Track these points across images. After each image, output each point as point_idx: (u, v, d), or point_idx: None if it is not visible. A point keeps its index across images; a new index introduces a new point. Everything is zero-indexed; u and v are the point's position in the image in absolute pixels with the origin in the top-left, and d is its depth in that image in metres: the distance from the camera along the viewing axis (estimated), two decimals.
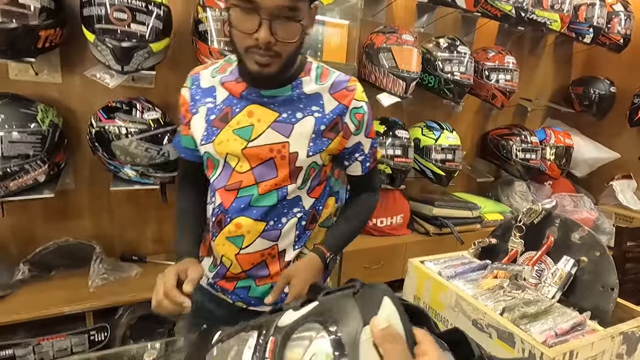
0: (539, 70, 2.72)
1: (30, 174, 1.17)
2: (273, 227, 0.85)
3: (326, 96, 0.82)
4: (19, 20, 1.06)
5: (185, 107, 0.85)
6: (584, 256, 0.87)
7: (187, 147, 0.89)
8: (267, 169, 0.81)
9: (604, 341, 0.72)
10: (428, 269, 0.96)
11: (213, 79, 0.83)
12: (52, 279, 1.42)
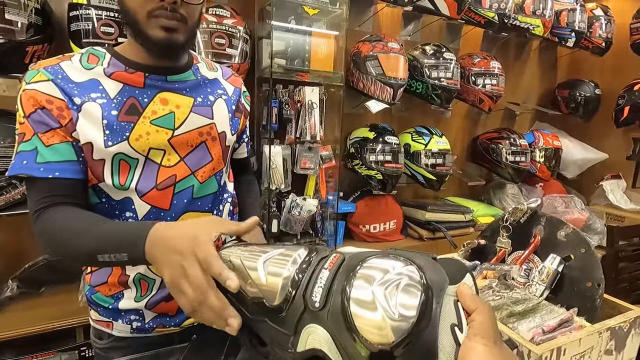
0: (525, 74, 2.77)
1: (19, 188, 1.17)
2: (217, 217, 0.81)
3: (223, 81, 0.85)
4: (5, 36, 1.06)
5: (60, 104, 0.65)
6: (570, 253, 0.88)
7: (61, 161, 0.65)
8: (201, 155, 0.77)
9: (592, 337, 0.72)
10: None
11: (89, 71, 0.68)
12: (41, 296, 1.40)
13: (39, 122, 0.64)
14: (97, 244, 0.57)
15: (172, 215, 0.75)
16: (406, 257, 0.36)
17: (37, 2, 1.15)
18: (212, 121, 0.78)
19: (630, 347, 0.81)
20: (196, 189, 0.77)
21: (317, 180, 1.73)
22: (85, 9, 1.16)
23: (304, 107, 1.59)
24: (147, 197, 0.72)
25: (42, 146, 0.64)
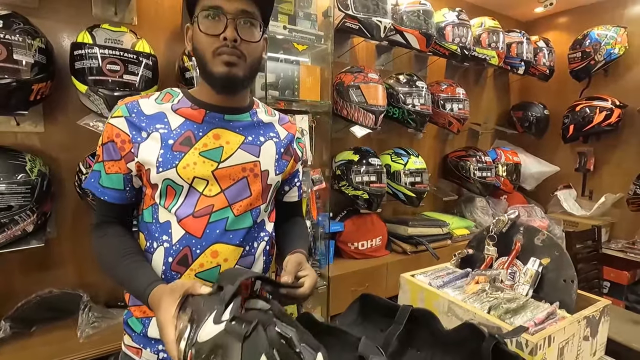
0: (483, 98, 3.07)
1: (20, 224, 1.16)
2: (249, 253, 0.84)
3: (277, 126, 0.92)
4: (12, 76, 1.09)
5: (124, 139, 0.76)
6: (547, 256, 1.03)
7: (112, 188, 0.79)
8: (240, 189, 0.81)
9: (572, 325, 0.85)
10: (419, 281, 1.07)
11: (160, 105, 0.79)
12: (33, 335, 1.35)
13: (108, 151, 0.78)
14: (119, 281, 0.76)
15: (203, 244, 0.78)
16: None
17: (41, 41, 1.18)
18: (257, 159, 0.83)
19: (601, 333, 0.95)
20: (230, 221, 0.80)
21: (308, 202, 1.82)
22: (89, 48, 1.21)
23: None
24: (183, 223, 0.77)
25: (104, 172, 0.79)
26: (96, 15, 1.47)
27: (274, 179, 0.87)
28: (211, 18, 0.74)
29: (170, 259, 0.77)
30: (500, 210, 2.83)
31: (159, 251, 0.78)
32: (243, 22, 0.75)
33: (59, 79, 1.34)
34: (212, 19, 0.74)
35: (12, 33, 1.10)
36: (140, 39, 1.34)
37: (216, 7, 0.73)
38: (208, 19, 0.74)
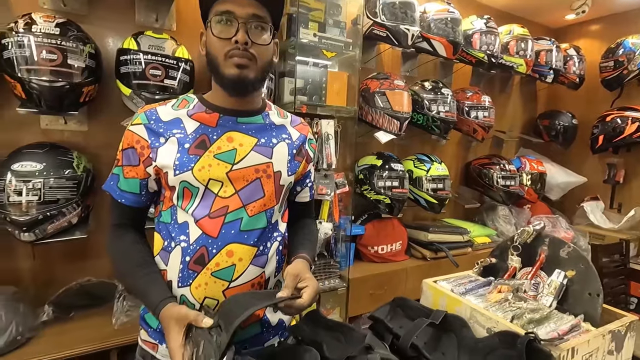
0: (508, 105, 3.03)
1: (66, 216, 1.25)
2: (262, 252, 0.86)
3: (290, 128, 0.94)
4: (66, 79, 1.18)
5: (143, 144, 0.80)
6: (572, 269, 1.03)
7: (129, 192, 0.83)
8: (254, 189, 0.84)
9: (597, 339, 0.86)
10: (442, 287, 1.09)
11: (176, 111, 0.83)
12: (73, 320, 1.44)
13: (127, 157, 0.82)
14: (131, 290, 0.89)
15: (219, 244, 0.80)
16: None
17: (91, 47, 1.27)
18: (269, 160, 0.86)
19: (627, 348, 0.95)
20: (244, 222, 0.82)
21: (331, 205, 1.86)
22: (134, 54, 1.30)
23: (321, 137, 1.74)
24: (200, 223, 0.80)
25: (122, 176, 0.83)
26: (139, 21, 1.56)
27: (286, 180, 0.89)
28: (223, 22, 0.77)
29: (188, 257, 0.80)
30: (523, 220, 2.79)
31: (176, 250, 0.81)
32: (254, 26, 0.78)
33: (103, 82, 1.43)
34: (224, 23, 0.77)
35: (67, 39, 1.19)
36: (180, 45, 1.42)
37: (228, 12, 0.77)
38: (220, 24, 0.78)
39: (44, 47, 1.14)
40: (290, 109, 1.64)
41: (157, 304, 0.76)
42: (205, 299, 0.81)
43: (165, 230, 0.84)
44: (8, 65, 1.15)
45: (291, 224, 1.01)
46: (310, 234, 1.02)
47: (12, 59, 1.14)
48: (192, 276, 0.81)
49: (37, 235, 1.21)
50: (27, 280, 1.46)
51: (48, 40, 1.15)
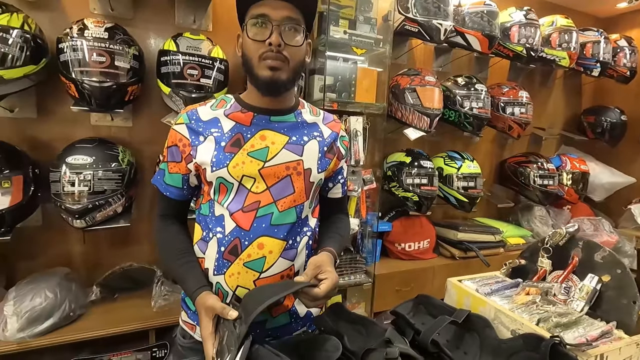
0: (550, 101, 2.88)
1: (112, 206, 1.36)
2: (292, 246, 0.89)
3: (322, 125, 0.96)
4: (113, 80, 1.28)
5: (184, 143, 0.87)
6: (607, 274, 0.99)
7: (173, 185, 0.91)
8: (284, 186, 0.87)
9: (630, 347, 0.83)
10: (467, 287, 1.08)
11: (214, 111, 0.89)
12: (117, 300, 1.58)
13: (172, 154, 0.90)
14: (173, 275, 0.94)
15: (251, 237, 0.84)
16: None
17: (135, 49, 1.37)
18: (300, 158, 0.88)
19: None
20: (275, 217, 0.85)
21: (358, 201, 1.87)
22: (174, 55, 1.38)
23: (349, 134, 1.76)
24: (234, 217, 0.85)
25: (167, 171, 0.91)
26: (178, 23, 1.65)
27: (316, 177, 0.91)
28: (259, 25, 0.81)
29: (223, 248, 0.86)
30: (561, 222, 2.66)
31: (213, 241, 0.87)
32: (287, 28, 0.81)
33: (146, 81, 1.53)
34: (259, 26, 0.81)
35: (114, 43, 1.29)
36: (215, 46, 1.48)
37: (263, 15, 0.80)
38: (256, 26, 0.81)
39: (94, 50, 1.25)
40: (319, 105, 1.67)
41: (193, 292, 0.83)
42: (238, 288, 0.86)
43: (204, 222, 0.91)
44: (64, 67, 1.26)
45: (324, 218, 1.04)
46: (341, 229, 1.04)
47: (67, 61, 1.26)
48: (226, 265, 0.86)
49: (87, 222, 1.33)
50: (78, 262, 1.60)
51: (98, 44, 1.26)
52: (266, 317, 0.91)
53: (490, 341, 0.91)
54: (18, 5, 1.32)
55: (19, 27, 1.19)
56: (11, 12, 1.20)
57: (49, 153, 1.42)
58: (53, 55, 1.31)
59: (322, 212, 1.04)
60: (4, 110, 1.37)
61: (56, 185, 1.29)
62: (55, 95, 1.44)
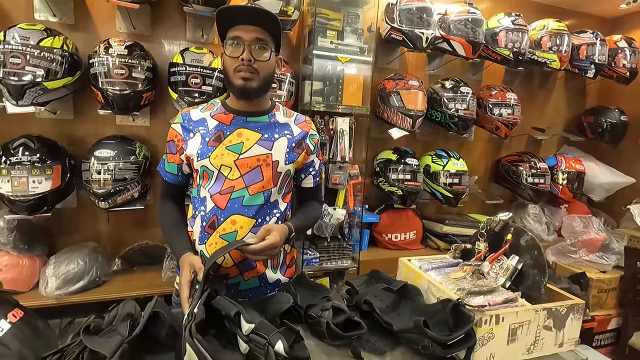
0: (550, 101, 2.93)
1: (130, 191, 1.65)
2: (260, 224, 1.08)
3: (292, 125, 1.16)
4: (131, 88, 1.57)
5: (179, 138, 1.09)
6: (528, 255, 1.14)
7: (170, 172, 1.14)
8: (255, 175, 1.07)
9: (528, 312, 0.99)
10: (412, 265, 1.27)
11: (202, 113, 1.11)
12: (134, 272, 1.88)
13: (169, 147, 1.14)
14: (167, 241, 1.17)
15: (225, 214, 1.06)
16: None
17: (150, 62, 1.65)
18: (269, 152, 1.08)
19: (570, 328, 1.05)
20: (245, 199, 1.06)
21: (346, 194, 2.07)
22: (180, 67, 1.65)
23: (336, 133, 1.96)
24: (214, 198, 1.07)
25: (167, 161, 1.15)
26: (189, 37, 1.93)
27: (283, 168, 1.11)
28: (234, 45, 1.02)
29: (204, 223, 1.08)
30: (557, 220, 2.72)
31: (198, 217, 1.10)
32: (257, 47, 1.02)
33: (161, 88, 1.81)
34: (234, 46, 1.02)
35: (132, 57, 1.58)
36: (216, 58, 1.74)
37: (237, 37, 1.01)
38: (232, 46, 1.02)
39: (116, 65, 1.54)
40: (308, 108, 1.89)
41: (180, 252, 1.05)
42: None
43: (193, 202, 1.14)
44: (93, 78, 1.56)
45: (299, 204, 1.27)
46: (308, 211, 1.24)
47: (96, 73, 1.55)
48: (206, 237, 1.08)
49: (110, 204, 1.63)
50: (104, 239, 1.92)
51: (119, 59, 1.55)
52: (239, 280, 1.13)
53: (420, 306, 1.10)
54: (60, 28, 1.63)
55: (59, 47, 1.49)
56: (54, 36, 1.51)
57: (82, 147, 1.74)
58: (85, 68, 1.62)
59: (298, 199, 1.26)
60: (49, 112, 1.70)
61: (86, 174, 1.60)
62: (88, 100, 1.75)
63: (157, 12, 1.86)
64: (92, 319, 0.86)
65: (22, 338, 0.78)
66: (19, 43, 1.42)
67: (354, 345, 0.95)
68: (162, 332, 0.92)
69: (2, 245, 1.55)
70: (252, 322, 0.81)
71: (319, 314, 0.98)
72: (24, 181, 1.45)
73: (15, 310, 0.85)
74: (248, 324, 0.81)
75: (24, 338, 0.79)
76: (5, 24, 1.54)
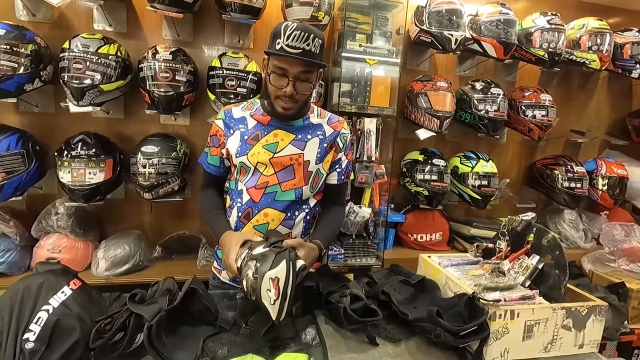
0: (591, 103, 2.80)
1: (171, 184, 1.80)
2: (290, 218, 1.18)
3: (325, 126, 1.23)
4: (174, 90, 1.72)
5: (220, 133, 1.19)
6: (550, 254, 1.14)
7: (212, 164, 1.23)
8: (288, 172, 1.16)
9: (545, 310, 1.00)
10: (431, 261, 1.31)
11: (243, 112, 1.20)
12: (172, 260, 2.04)
13: (213, 141, 1.23)
14: (207, 223, 1.23)
15: (259, 207, 1.16)
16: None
17: (191, 66, 1.80)
18: (302, 152, 1.17)
19: (591, 329, 1.04)
20: (278, 195, 1.16)
21: (372, 193, 2.12)
22: (218, 70, 1.78)
23: (364, 133, 2.02)
24: (249, 192, 1.17)
25: (209, 154, 1.25)
26: (226, 43, 2.07)
27: (314, 167, 1.19)
28: (279, 75, 1.06)
29: (240, 214, 1.19)
30: (596, 227, 2.59)
31: (235, 208, 1.20)
32: (301, 79, 1.07)
33: (201, 90, 1.95)
34: (279, 75, 1.06)
35: (176, 62, 1.73)
36: (251, 61, 1.86)
37: (282, 69, 1.05)
38: (276, 74, 1.06)
39: (162, 69, 1.69)
40: (336, 109, 1.96)
41: (221, 231, 1.13)
42: None
43: (230, 194, 1.25)
44: (142, 81, 1.73)
45: (323, 204, 1.32)
46: (333, 220, 1.28)
47: (144, 77, 1.72)
48: (241, 227, 1.19)
49: (153, 195, 1.79)
50: (147, 227, 2.10)
51: (165, 64, 1.70)
52: None
53: (437, 299, 1.14)
54: (114, 37, 1.82)
55: (114, 54, 1.67)
56: (110, 43, 1.69)
57: (131, 144, 1.92)
58: (135, 72, 1.79)
59: (323, 197, 1.32)
60: (103, 112, 1.90)
61: (133, 167, 1.77)
62: (136, 101, 1.94)
63: (198, 20, 2.01)
64: (137, 291, 0.98)
65: (80, 303, 0.92)
66: (80, 50, 1.61)
67: (370, 331, 1.01)
68: (196, 307, 1.03)
69: (61, 229, 1.75)
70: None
71: (337, 299, 1.05)
72: (82, 172, 1.64)
73: (75, 279, 0.99)
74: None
75: (82, 303, 0.92)
76: (69, 33, 1.74)
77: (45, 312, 0.83)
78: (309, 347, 0.97)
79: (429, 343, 1.01)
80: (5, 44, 1.51)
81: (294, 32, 1.01)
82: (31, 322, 0.80)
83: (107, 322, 0.90)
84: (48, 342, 0.79)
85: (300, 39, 1.01)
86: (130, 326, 0.87)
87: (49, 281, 0.91)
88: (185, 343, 0.93)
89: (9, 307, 0.82)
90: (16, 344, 0.76)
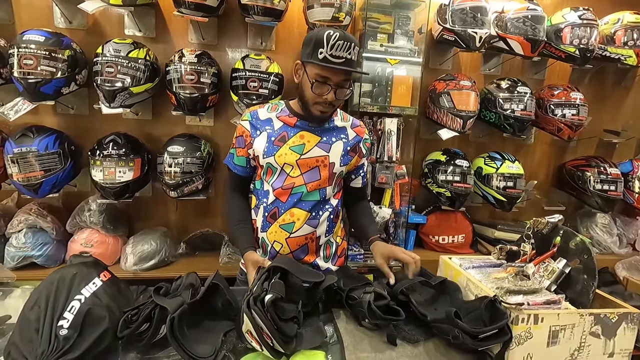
0: (627, 101, 2.66)
1: (195, 183, 1.86)
2: (314, 217, 1.20)
3: (349, 129, 1.25)
4: (198, 92, 1.77)
5: (247, 134, 1.19)
6: (578, 259, 1.10)
7: (239, 165, 1.24)
8: (313, 174, 1.18)
9: (572, 316, 0.96)
10: (452, 263, 1.28)
11: (269, 113, 1.21)
12: (196, 256, 2.11)
13: (239, 142, 1.24)
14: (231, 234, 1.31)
15: (285, 207, 1.18)
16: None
17: (215, 68, 1.85)
18: (327, 154, 1.19)
19: (622, 338, 0.99)
20: (303, 195, 1.18)
21: (392, 193, 2.10)
22: (241, 72, 1.82)
23: (384, 134, 2.01)
24: (276, 192, 1.19)
25: (235, 155, 1.25)
26: (249, 45, 2.11)
27: (338, 169, 1.22)
28: (320, 83, 1.07)
29: (266, 213, 1.22)
30: (631, 232, 2.46)
31: (261, 208, 1.23)
32: (341, 87, 1.09)
33: (224, 91, 2.01)
34: (321, 82, 1.07)
35: (201, 65, 1.78)
36: (272, 63, 1.89)
37: (326, 77, 1.07)
38: (319, 82, 1.07)
39: (188, 72, 1.75)
40: (357, 109, 1.96)
41: (243, 249, 1.19)
42: (275, 242, 1.22)
43: (256, 194, 1.27)
44: (168, 83, 1.80)
45: (350, 204, 1.37)
46: (369, 214, 1.38)
47: (171, 79, 1.79)
48: (268, 226, 1.22)
49: (179, 193, 1.85)
50: (172, 225, 2.18)
51: (190, 66, 1.76)
52: None
53: (458, 301, 1.12)
54: (144, 41, 1.90)
55: (143, 57, 1.75)
56: (139, 48, 1.77)
57: (158, 144, 1.99)
58: (163, 74, 1.86)
59: (346, 198, 1.36)
60: (132, 114, 1.98)
61: (160, 167, 1.84)
62: (164, 103, 2.01)
63: (222, 24, 2.07)
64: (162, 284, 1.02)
65: (110, 294, 0.97)
66: (112, 55, 1.69)
67: (391, 329, 1.00)
68: (219, 302, 1.06)
69: (93, 225, 1.84)
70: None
71: (360, 295, 1.05)
72: (112, 171, 1.72)
73: (105, 272, 1.04)
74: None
75: (112, 294, 0.97)
76: (103, 39, 1.83)
77: (78, 302, 0.88)
78: (326, 345, 0.97)
79: (447, 345, 1.00)
80: (45, 50, 1.60)
81: (337, 42, 1.02)
82: (65, 310, 0.85)
83: (133, 313, 0.94)
84: (80, 330, 0.84)
85: (343, 48, 1.03)
86: (155, 318, 0.91)
87: (81, 272, 0.96)
88: (206, 336, 0.96)
89: (45, 296, 0.88)
90: (51, 330, 0.81)
